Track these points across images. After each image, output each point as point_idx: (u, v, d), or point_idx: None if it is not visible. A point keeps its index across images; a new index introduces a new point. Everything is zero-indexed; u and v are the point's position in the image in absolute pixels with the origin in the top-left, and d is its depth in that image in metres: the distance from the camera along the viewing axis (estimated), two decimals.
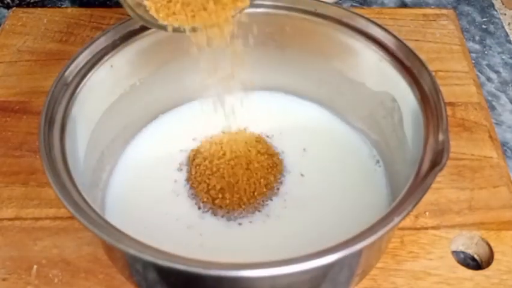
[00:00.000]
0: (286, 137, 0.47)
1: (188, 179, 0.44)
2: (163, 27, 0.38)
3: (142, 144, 0.47)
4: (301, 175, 0.45)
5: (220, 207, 0.42)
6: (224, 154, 0.44)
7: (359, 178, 0.44)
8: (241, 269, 0.30)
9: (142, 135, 0.48)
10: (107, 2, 0.65)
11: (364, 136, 0.47)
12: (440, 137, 0.36)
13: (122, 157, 0.46)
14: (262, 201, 0.42)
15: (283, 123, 0.48)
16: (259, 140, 0.46)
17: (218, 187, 0.42)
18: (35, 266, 0.40)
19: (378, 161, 0.45)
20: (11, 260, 0.41)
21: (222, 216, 0.42)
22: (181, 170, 0.45)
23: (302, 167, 0.45)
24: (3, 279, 0.40)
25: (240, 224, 0.41)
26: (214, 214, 0.42)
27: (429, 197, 0.39)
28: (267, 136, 0.47)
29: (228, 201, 0.42)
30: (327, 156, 0.46)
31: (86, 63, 0.41)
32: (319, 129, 0.48)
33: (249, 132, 0.47)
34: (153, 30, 0.44)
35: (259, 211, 0.42)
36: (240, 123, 0.48)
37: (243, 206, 0.42)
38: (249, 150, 0.45)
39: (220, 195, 0.42)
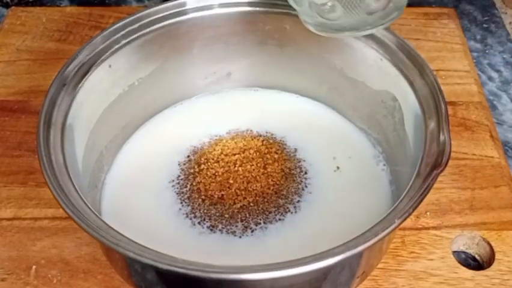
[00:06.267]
0: (289, 136, 0.47)
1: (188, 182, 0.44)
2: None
3: (139, 144, 0.47)
4: (306, 173, 0.44)
5: (221, 214, 0.42)
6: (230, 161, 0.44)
7: (363, 177, 0.44)
8: (241, 273, 0.30)
9: (139, 134, 0.47)
10: (106, 1, 0.65)
11: (367, 135, 0.47)
12: (441, 137, 0.36)
13: (118, 157, 0.45)
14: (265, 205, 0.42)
15: (286, 122, 0.48)
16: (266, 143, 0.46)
17: (219, 194, 0.42)
18: (34, 266, 0.40)
19: (381, 160, 0.45)
20: (10, 260, 0.41)
21: (222, 219, 0.41)
22: (180, 169, 0.45)
23: (306, 165, 0.45)
24: (2, 280, 0.40)
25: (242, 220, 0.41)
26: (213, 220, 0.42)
27: (430, 197, 0.38)
28: (272, 135, 0.47)
29: (228, 207, 0.42)
30: (331, 155, 0.46)
31: (85, 63, 0.41)
32: (323, 127, 0.48)
33: (252, 134, 0.47)
34: (151, 29, 0.44)
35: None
36: (240, 123, 0.48)
37: (247, 210, 0.42)
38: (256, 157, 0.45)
39: (220, 203, 0.42)
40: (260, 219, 0.41)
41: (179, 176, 0.44)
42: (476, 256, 0.43)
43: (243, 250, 0.40)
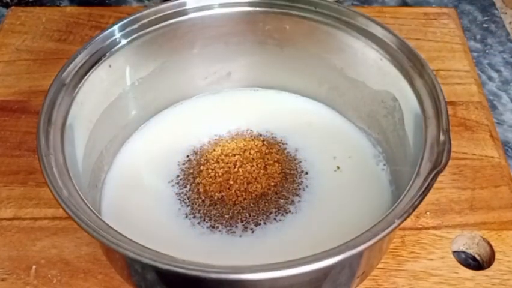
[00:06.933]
0: (289, 136, 0.47)
1: (188, 182, 0.44)
2: None
3: (139, 144, 0.47)
4: (306, 173, 0.44)
5: (221, 213, 0.42)
6: (229, 161, 0.44)
7: (363, 177, 0.44)
8: (241, 273, 0.30)
9: (139, 134, 0.47)
10: (106, 1, 0.65)
11: (367, 135, 0.47)
12: (441, 137, 0.36)
13: (118, 157, 0.45)
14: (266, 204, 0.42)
15: (286, 122, 0.48)
16: (266, 143, 0.46)
17: (218, 195, 0.42)
18: (34, 266, 0.40)
19: (381, 160, 0.45)
20: (10, 260, 0.41)
21: (222, 220, 0.41)
22: (179, 169, 0.45)
23: (306, 165, 0.45)
24: (2, 280, 0.40)
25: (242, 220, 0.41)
26: (213, 218, 0.42)
27: (430, 197, 0.39)
28: (272, 134, 0.47)
29: (228, 207, 0.42)
30: (331, 155, 0.46)
31: (85, 64, 0.41)
32: (323, 127, 0.48)
33: (253, 134, 0.47)
34: (151, 29, 0.44)
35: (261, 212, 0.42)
36: (240, 123, 0.48)
37: (247, 210, 0.42)
38: (255, 157, 0.44)
39: (220, 203, 0.42)
40: (260, 220, 0.41)
41: (178, 176, 0.44)
42: (476, 256, 0.43)
43: (243, 250, 0.40)
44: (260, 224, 0.41)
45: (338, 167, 0.45)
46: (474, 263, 0.42)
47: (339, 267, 0.34)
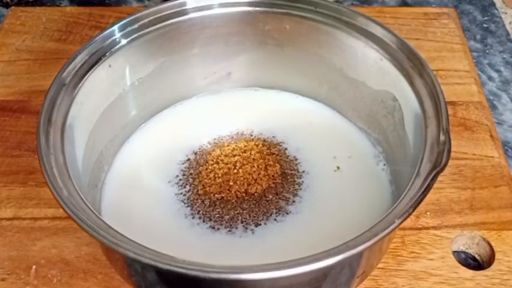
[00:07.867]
0: (289, 136, 0.47)
1: (188, 183, 0.44)
2: None
3: (139, 144, 0.47)
4: (306, 173, 0.44)
5: (221, 214, 0.42)
6: (229, 162, 0.44)
7: (363, 177, 0.44)
8: (241, 273, 0.30)
9: (139, 134, 0.47)
10: (106, 1, 0.65)
11: (367, 135, 0.47)
12: (441, 137, 0.36)
13: (118, 157, 0.45)
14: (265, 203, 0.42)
15: (286, 122, 0.48)
16: (265, 145, 0.46)
17: (218, 196, 0.42)
18: (33, 266, 0.40)
19: (381, 160, 0.45)
20: (10, 260, 0.41)
21: (222, 221, 0.41)
22: (179, 169, 0.45)
23: (306, 165, 0.45)
24: (2, 280, 0.40)
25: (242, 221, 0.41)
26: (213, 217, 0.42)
27: (430, 196, 0.39)
28: (272, 134, 0.47)
29: (229, 208, 0.42)
30: (331, 155, 0.46)
31: (85, 64, 0.41)
32: (323, 127, 0.48)
33: (253, 134, 0.47)
34: (151, 29, 0.44)
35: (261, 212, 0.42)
36: (240, 123, 0.48)
37: (247, 211, 0.42)
38: (255, 157, 0.45)
39: (220, 204, 0.42)
40: (261, 220, 0.41)
41: (178, 176, 0.44)
42: (476, 256, 0.43)
43: (243, 250, 0.40)
44: (260, 224, 0.41)
45: (338, 167, 0.45)
46: (474, 263, 0.42)
47: (339, 267, 0.34)
